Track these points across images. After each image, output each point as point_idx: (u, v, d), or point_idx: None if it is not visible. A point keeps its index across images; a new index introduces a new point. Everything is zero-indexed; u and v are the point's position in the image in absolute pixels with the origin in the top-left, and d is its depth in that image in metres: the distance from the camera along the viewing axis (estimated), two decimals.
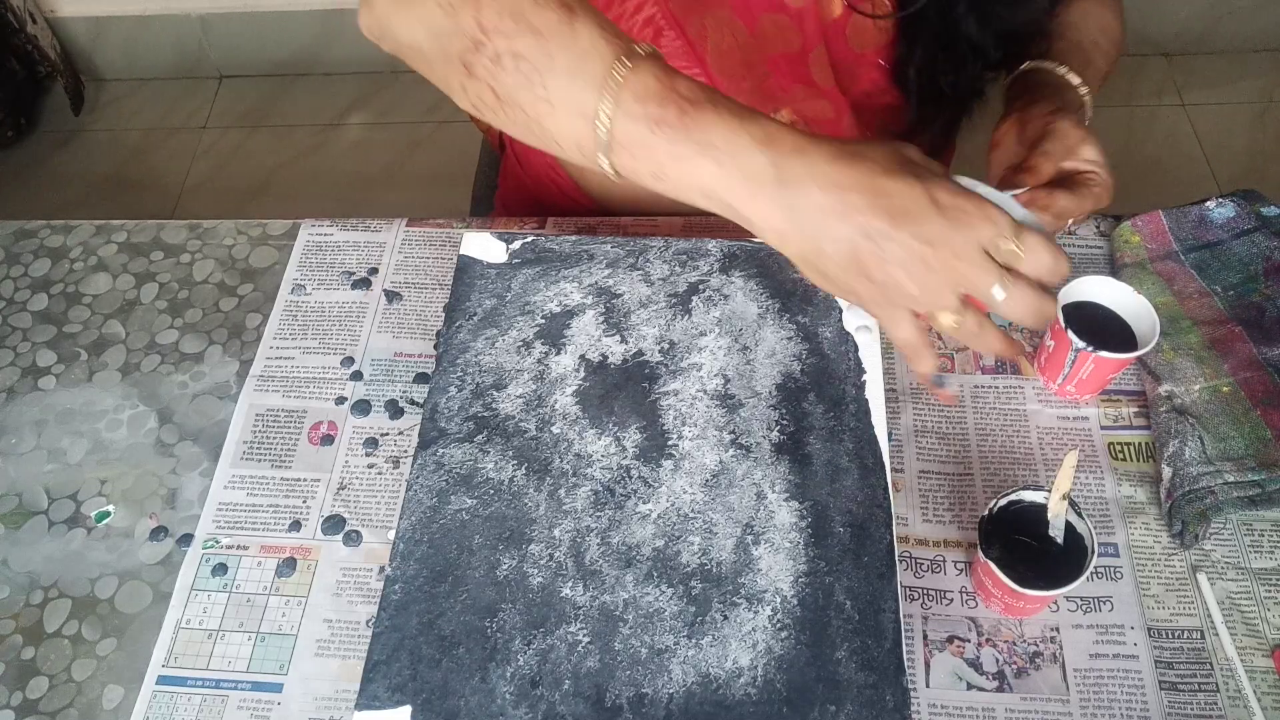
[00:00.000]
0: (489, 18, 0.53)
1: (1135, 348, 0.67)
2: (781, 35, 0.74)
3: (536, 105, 0.53)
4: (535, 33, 0.52)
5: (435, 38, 0.55)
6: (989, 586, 0.62)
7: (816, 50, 0.75)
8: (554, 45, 0.52)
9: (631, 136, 0.51)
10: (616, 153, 0.53)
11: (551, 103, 0.53)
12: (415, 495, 0.66)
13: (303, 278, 0.82)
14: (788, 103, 0.78)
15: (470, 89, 0.56)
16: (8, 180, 1.94)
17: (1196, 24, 1.90)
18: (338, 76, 2.05)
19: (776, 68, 0.76)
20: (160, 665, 0.65)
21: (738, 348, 0.71)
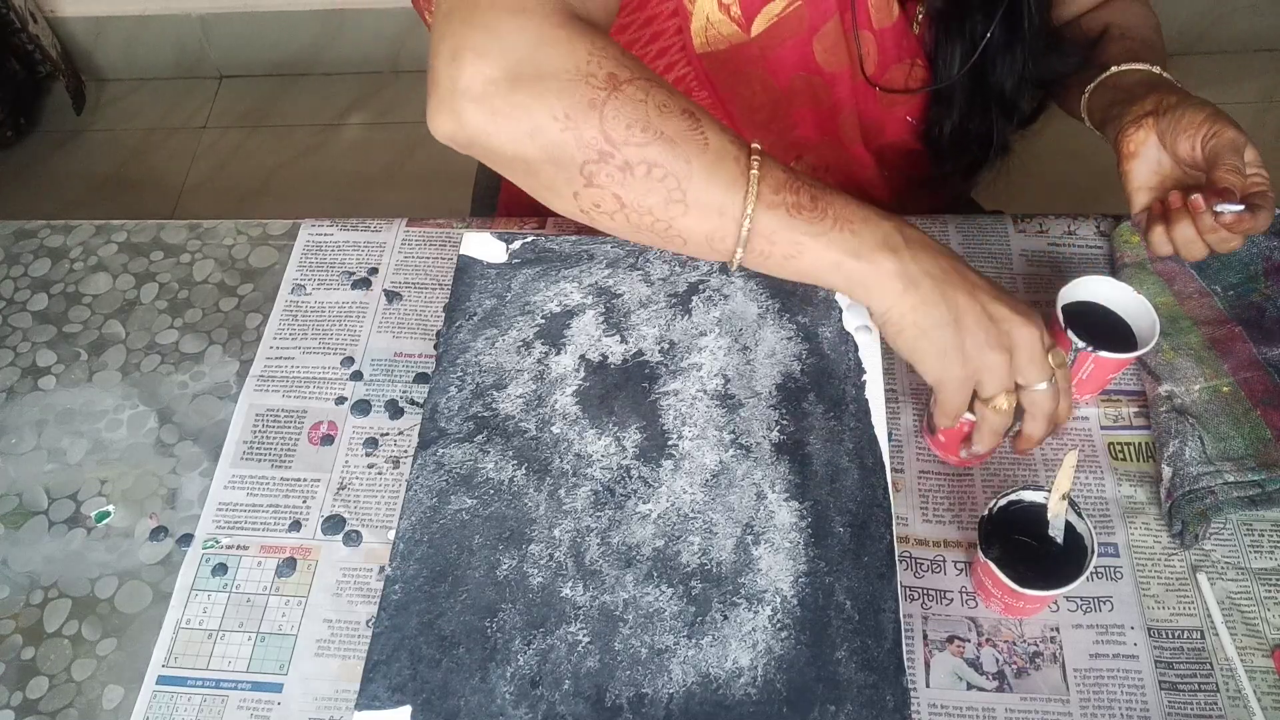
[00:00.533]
0: (616, 130, 0.53)
1: (1135, 348, 0.67)
2: (813, 93, 0.75)
3: (669, 208, 0.55)
4: (667, 140, 0.53)
5: (547, 150, 0.54)
6: (989, 586, 0.62)
7: (847, 111, 0.77)
8: (688, 151, 0.54)
9: (772, 225, 0.55)
10: (755, 242, 0.56)
11: (686, 204, 0.55)
12: (415, 495, 0.66)
13: (303, 278, 0.82)
14: (810, 150, 0.79)
15: (585, 196, 0.56)
16: (8, 180, 1.94)
17: (1196, 24, 1.90)
18: (338, 76, 2.05)
19: (803, 120, 0.78)
20: (160, 665, 0.65)
21: (738, 348, 0.71)
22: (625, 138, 0.53)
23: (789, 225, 0.55)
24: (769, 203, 0.55)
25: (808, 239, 0.55)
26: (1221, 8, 1.87)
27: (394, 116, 2.00)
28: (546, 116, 0.53)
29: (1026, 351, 0.57)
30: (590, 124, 0.53)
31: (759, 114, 0.75)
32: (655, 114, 0.53)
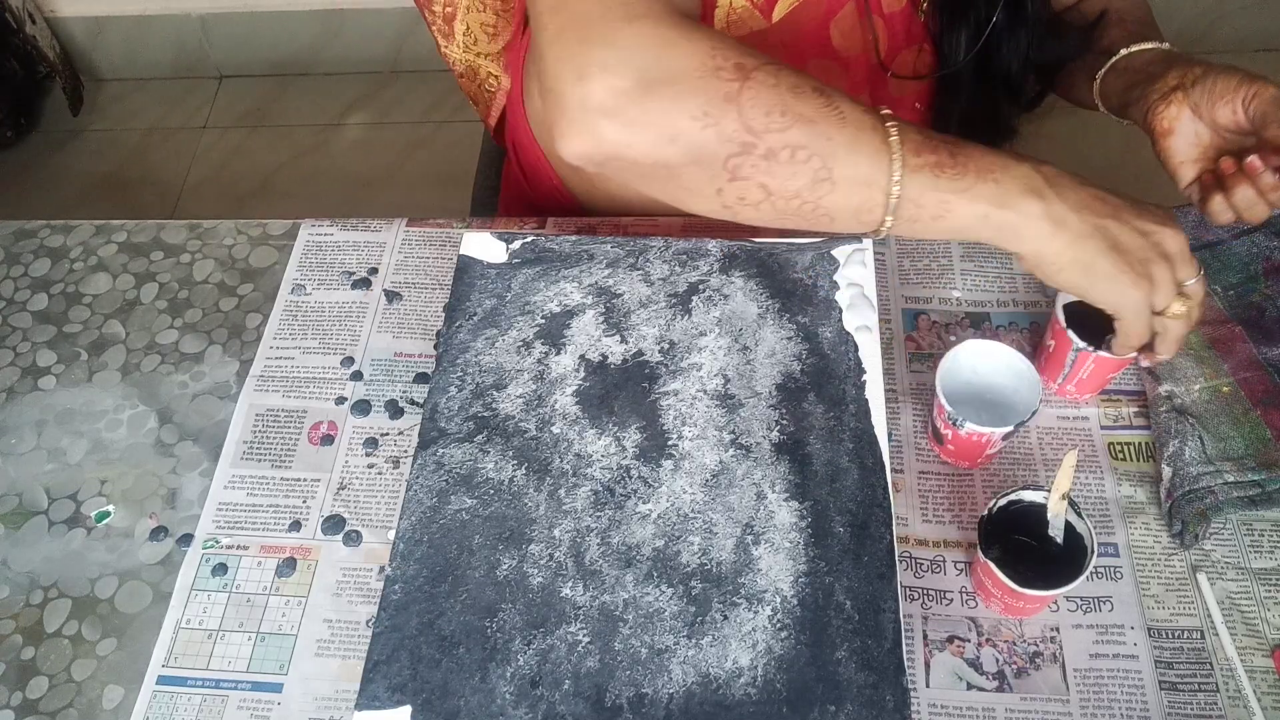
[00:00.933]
0: (755, 119, 0.53)
1: None
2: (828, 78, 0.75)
3: (816, 189, 0.55)
4: (807, 121, 0.54)
5: (689, 150, 0.54)
6: (989, 586, 0.62)
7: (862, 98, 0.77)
8: (828, 128, 0.54)
9: (918, 188, 0.56)
10: (904, 208, 0.56)
11: (834, 182, 0.55)
12: (415, 495, 0.66)
13: (303, 278, 0.82)
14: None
15: (730, 191, 0.56)
16: (8, 180, 1.94)
17: (1196, 24, 1.90)
18: (338, 76, 2.05)
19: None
20: (160, 665, 0.65)
21: (738, 348, 0.71)
22: (765, 125, 0.53)
23: (934, 186, 0.56)
24: (913, 166, 0.55)
25: (953, 196, 0.56)
26: (1221, 8, 1.87)
27: (394, 116, 2.00)
28: (685, 118, 0.53)
29: (1180, 254, 0.58)
30: (730, 117, 0.53)
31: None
32: (790, 97, 0.54)
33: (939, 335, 0.76)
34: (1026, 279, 0.79)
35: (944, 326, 0.77)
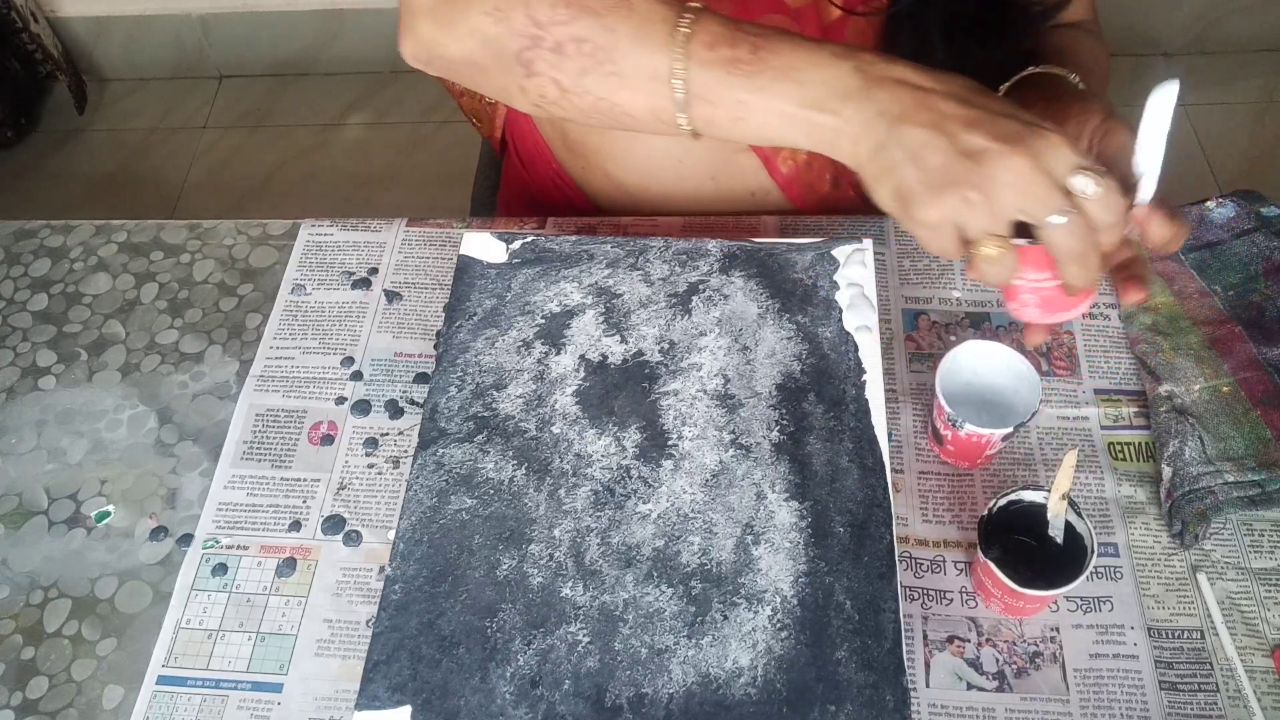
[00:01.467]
0: (541, 12, 0.54)
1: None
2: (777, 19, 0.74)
3: (605, 82, 0.54)
4: (591, 13, 0.53)
5: (488, 45, 0.56)
6: (989, 586, 0.62)
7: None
8: (613, 19, 0.53)
9: (709, 83, 0.52)
10: (695, 105, 0.53)
11: (621, 75, 0.54)
12: (415, 495, 0.66)
13: (303, 278, 0.82)
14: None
15: (531, 87, 0.57)
16: (8, 180, 1.94)
17: (1196, 24, 1.90)
18: (338, 76, 2.05)
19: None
20: (160, 665, 0.65)
21: (738, 348, 0.71)
22: (551, 17, 0.54)
23: (725, 82, 0.52)
24: (702, 60, 0.52)
25: (749, 95, 0.52)
26: (1221, 8, 1.87)
27: (394, 116, 2.00)
28: (479, 13, 0.55)
29: (1011, 185, 0.48)
30: (518, 11, 0.54)
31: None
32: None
33: (939, 335, 0.76)
34: None
35: (944, 326, 0.77)
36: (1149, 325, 0.74)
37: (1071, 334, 0.76)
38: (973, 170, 0.49)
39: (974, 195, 0.49)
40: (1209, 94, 1.89)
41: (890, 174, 0.50)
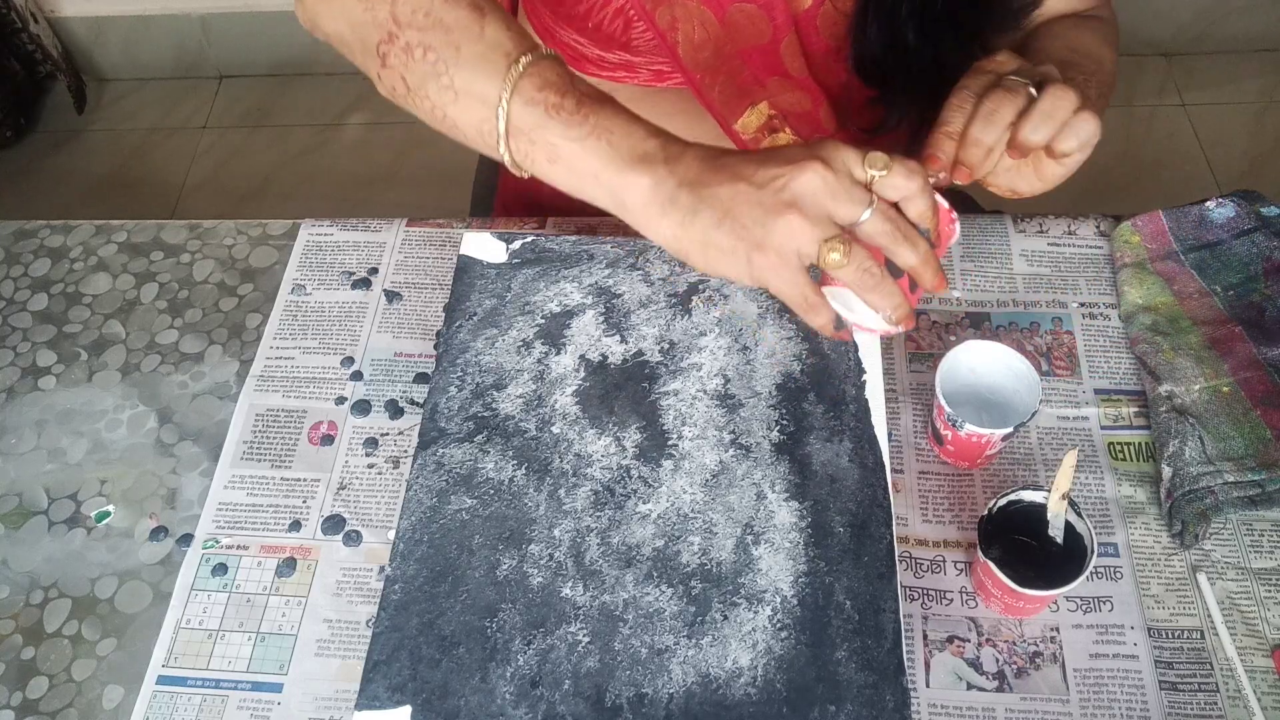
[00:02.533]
0: (403, 12, 0.57)
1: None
2: (752, 26, 0.74)
3: (442, 94, 0.58)
4: (444, 28, 0.57)
5: (355, 29, 0.60)
6: (989, 586, 0.62)
7: (788, 40, 0.75)
8: (461, 39, 0.56)
9: (528, 121, 0.55)
10: (514, 138, 0.56)
11: (456, 91, 0.57)
12: (415, 495, 0.66)
13: (303, 278, 0.82)
14: (763, 96, 0.78)
15: (385, 78, 0.60)
16: (8, 180, 1.94)
17: (1196, 24, 1.90)
18: (338, 76, 2.05)
19: (750, 60, 0.76)
20: (160, 665, 0.65)
21: (738, 348, 0.71)
22: (410, 20, 0.57)
23: (544, 124, 0.55)
24: (527, 98, 0.55)
25: (563, 142, 0.55)
26: (1221, 8, 1.87)
27: (394, 116, 1.97)
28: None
29: (815, 195, 0.52)
30: (383, 6, 0.58)
31: (703, 52, 0.74)
32: (440, 2, 0.57)
33: (939, 335, 0.76)
34: (1027, 279, 0.79)
35: (944, 326, 0.77)
36: (1149, 325, 0.74)
37: (1072, 334, 0.76)
38: (780, 194, 0.52)
39: (792, 217, 0.52)
40: (1209, 94, 1.89)
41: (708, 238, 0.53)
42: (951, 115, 0.60)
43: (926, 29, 0.71)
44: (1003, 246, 0.81)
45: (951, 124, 0.59)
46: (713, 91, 0.72)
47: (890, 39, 0.73)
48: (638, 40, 0.75)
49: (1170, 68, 1.92)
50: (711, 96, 0.76)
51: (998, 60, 0.62)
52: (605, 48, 0.76)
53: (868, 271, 0.54)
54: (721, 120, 0.77)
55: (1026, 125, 0.58)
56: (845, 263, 0.53)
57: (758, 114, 0.78)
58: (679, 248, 0.55)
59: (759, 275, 0.54)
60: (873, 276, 0.54)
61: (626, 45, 0.75)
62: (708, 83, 0.75)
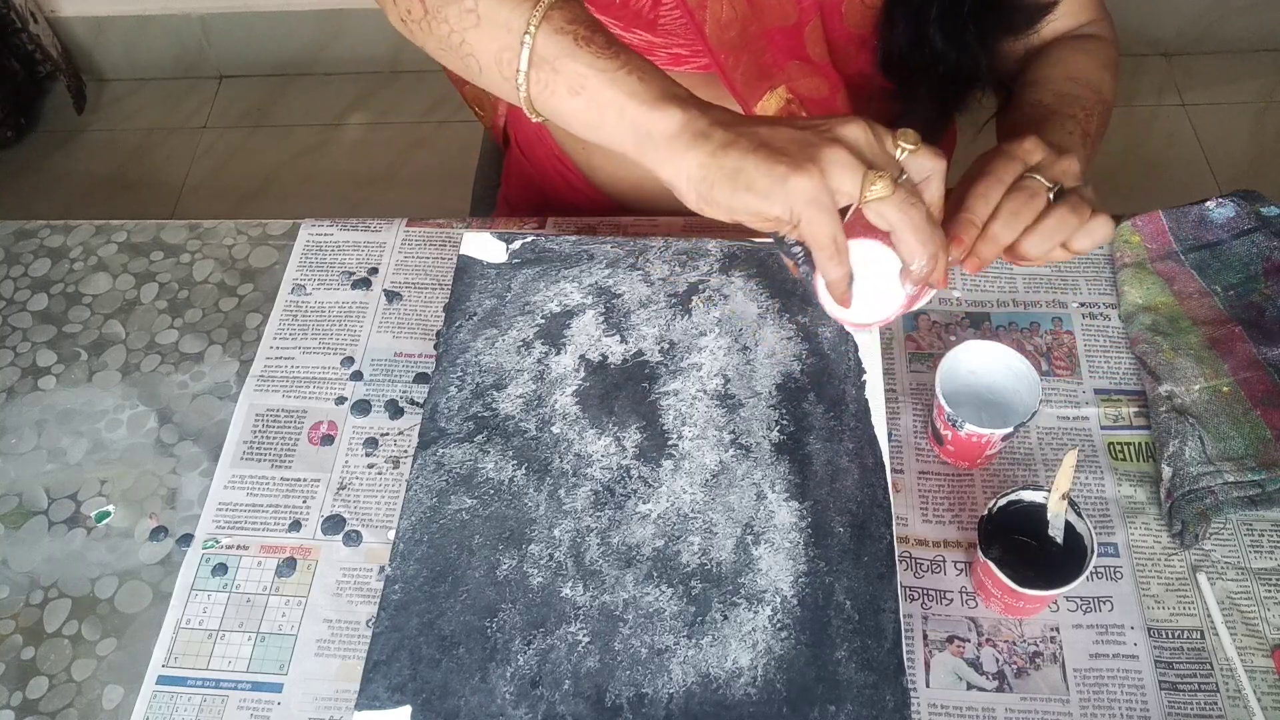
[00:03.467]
0: None
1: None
2: (779, 7, 0.74)
3: (463, 17, 0.56)
4: None
5: None
6: (989, 586, 0.62)
7: (812, 24, 0.75)
8: None
9: (556, 50, 0.54)
10: (537, 67, 0.55)
11: (479, 15, 0.55)
12: (415, 495, 0.66)
13: (303, 278, 0.82)
14: (783, 80, 0.78)
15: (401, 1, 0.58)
16: (8, 180, 1.94)
17: (1196, 24, 1.90)
18: (338, 76, 2.05)
19: (773, 41, 0.76)
20: (160, 665, 0.65)
21: (738, 348, 0.71)
22: None
23: (572, 53, 0.54)
24: (556, 27, 0.54)
25: (591, 73, 0.53)
26: (1221, 8, 1.87)
27: (394, 116, 2.00)
28: None
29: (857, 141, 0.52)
30: None
31: (729, 31, 0.74)
32: None
33: (939, 335, 0.76)
34: (1026, 279, 0.79)
35: (944, 326, 0.77)
36: (1149, 325, 0.74)
37: (1072, 334, 0.76)
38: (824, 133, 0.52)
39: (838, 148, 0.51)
40: (1209, 94, 1.89)
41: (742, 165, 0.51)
42: (976, 204, 0.59)
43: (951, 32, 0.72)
44: None
45: (976, 213, 0.59)
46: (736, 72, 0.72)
47: (916, 37, 0.73)
48: (665, 19, 0.74)
49: (1170, 68, 1.92)
50: (735, 77, 0.76)
51: (1025, 148, 0.62)
52: (628, 27, 0.76)
53: (914, 205, 0.52)
54: (743, 103, 0.77)
55: (1033, 237, 0.59)
56: (888, 194, 0.51)
57: (776, 97, 0.78)
58: (704, 176, 0.52)
59: (794, 203, 0.51)
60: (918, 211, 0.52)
61: (652, 25, 0.75)
62: (732, 63, 0.75)
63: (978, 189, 0.59)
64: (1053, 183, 0.60)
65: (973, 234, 0.59)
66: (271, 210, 1.85)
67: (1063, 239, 0.60)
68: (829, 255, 0.53)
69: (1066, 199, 0.60)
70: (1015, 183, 0.60)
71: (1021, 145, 0.62)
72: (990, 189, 0.59)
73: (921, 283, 0.56)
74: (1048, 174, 0.61)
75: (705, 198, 0.53)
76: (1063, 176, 0.61)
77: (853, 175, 0.51)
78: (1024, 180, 0.60)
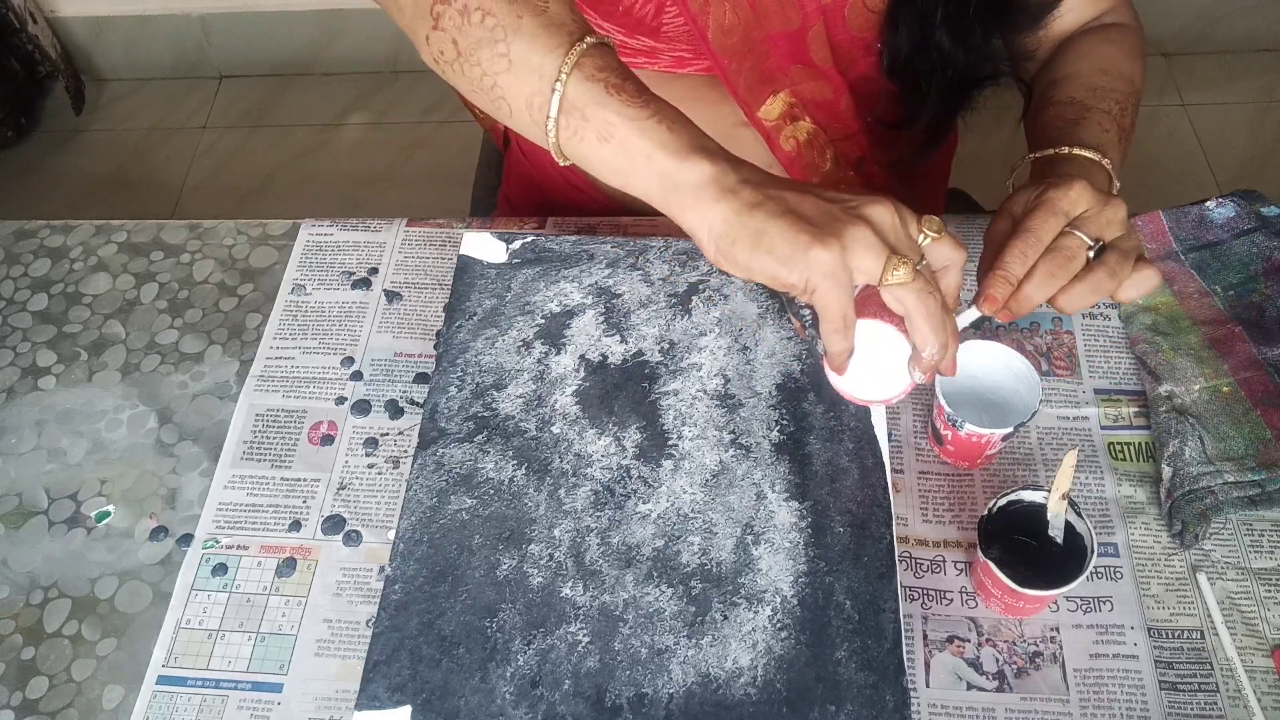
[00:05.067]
0: None
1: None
2: (782, 12, 0.74)
3: (495, 61, 0.56)
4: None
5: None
6: (989, 586, 0.62)
7: (815, 29, 0.75)
8: (524, 10, 0.56)
9: (585, 97, 0.54)
10: (567, 114, 0.55)
11: (511, 60, 0.56)
12: (415, 495, 0.66)
13: (303, 278, 0.82)
14: (786, 84, 0.78)
15: (434, 41, 0.59)
16: (8, 180, 1.94)
17: (1196, 24, 1.90)
18: (338, 76, 2.05)
19: (776, 46, 0.76)
20: (160, 665, 0.65)
21: (738, 348, 0.71)
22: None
23: (603, 101, 0.54)
24: (588, 74, 0.54)
25: (621, 120, 0.54)
26: (1221, 8, 1.87)
27: (394, 116, 2.00)
28: None
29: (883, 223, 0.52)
30: None
31: (731, 37, 0.74)
32: None
33: None
34: None
35: None
36: (1149, 325, 0.74)
37: (1072, 334, 0.76)
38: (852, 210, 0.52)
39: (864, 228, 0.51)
40: (1209, 94, 1.89)
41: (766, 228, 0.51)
42: (1013, 263, 0.59)
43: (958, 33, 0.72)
44: None
45: (1011, 271, 0.59)
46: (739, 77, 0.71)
47: (921, 39, 0.73)
48: (668, 25, 0.74)
49: (1170, 68, 1.92)
50: (737, 82, 0.76)
51: (1070, 198, 0.60)
52: (631, 33, 0.76)
53: (932, 294, 0.53)
54: (746, 107, 0.77)
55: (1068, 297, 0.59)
56: (908, 280, 0.52)
57: (780, 101, 0.78)
58: (727, 232, 0.52)
59: (811, 274, 0.51)
60: (934, 300, 0.53)
61: (655, 31, 0.75)
62: (734, 68, 0.75)
63: (1015, 246, 0.59)
64: (1095, 239, 0.59)
65: (1006, 292, 0.59)
66: (271, 210, 1.85)
67: (1099, 299, 0.59)
68: (836, 329, 0.54)
69: (1105, 260, 0.59)
70: (1055, 240, 0.59)
71: (1067, 195, 0.60)
72: (1028, 248, 0.59)
73: (930, 371, 0.56)
74: (1092, 227, 0.59)
75: (724, 253, 0.53)
76: (1106, 228, 0.60)
77: (875, 257, 0.51)
78: (1064, 239, 0.59)
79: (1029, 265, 0.59)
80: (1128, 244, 0.60)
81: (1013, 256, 0.59)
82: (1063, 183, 0.60)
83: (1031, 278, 0.59)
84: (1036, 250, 0.59)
